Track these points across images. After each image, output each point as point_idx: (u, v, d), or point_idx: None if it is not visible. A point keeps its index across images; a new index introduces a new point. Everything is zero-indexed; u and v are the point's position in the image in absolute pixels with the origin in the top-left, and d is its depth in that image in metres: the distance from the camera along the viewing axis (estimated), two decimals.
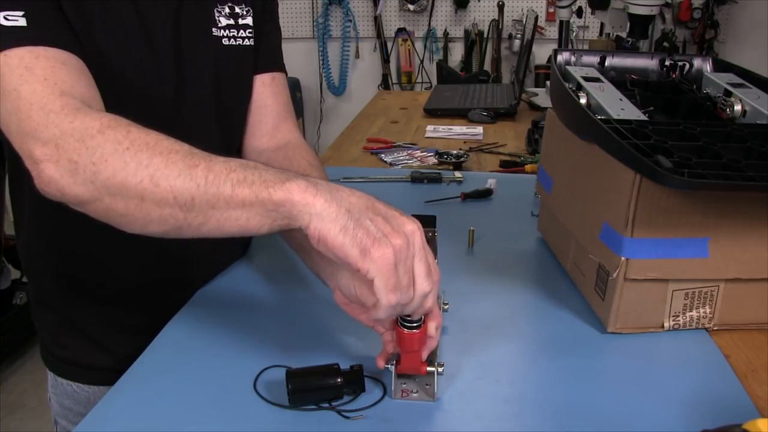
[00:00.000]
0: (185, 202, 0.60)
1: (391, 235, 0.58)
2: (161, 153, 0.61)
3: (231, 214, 0.60)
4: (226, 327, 0.84)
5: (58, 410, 0.99)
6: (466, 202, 1.25)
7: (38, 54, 0.68)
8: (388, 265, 0.57)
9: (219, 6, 0.89)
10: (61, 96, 0.66)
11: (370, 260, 0.57)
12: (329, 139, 3.51)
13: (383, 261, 0.57)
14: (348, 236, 0.57)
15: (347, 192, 0.60)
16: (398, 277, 0.58)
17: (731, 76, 0.97)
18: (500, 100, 2.06)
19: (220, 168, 0.60)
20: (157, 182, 0.60)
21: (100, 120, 0.63)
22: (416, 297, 0.61)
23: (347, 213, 0.58)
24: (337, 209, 0.58)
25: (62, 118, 0.64)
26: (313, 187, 0.58)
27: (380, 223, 0.58)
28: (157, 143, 0.62)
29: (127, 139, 0.61)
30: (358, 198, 0.60)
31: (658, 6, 1.62)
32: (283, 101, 0.99)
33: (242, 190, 0.58)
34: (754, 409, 0.68)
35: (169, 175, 0.60)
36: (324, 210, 0.57)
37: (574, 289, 0.92)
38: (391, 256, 0.57)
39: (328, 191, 0.59)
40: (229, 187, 0.59)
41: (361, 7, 3.74)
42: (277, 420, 0.67)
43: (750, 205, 0.76)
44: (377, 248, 0.57)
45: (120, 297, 0.92)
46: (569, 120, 0.92)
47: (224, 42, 0.89)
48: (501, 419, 0.67)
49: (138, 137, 0.62)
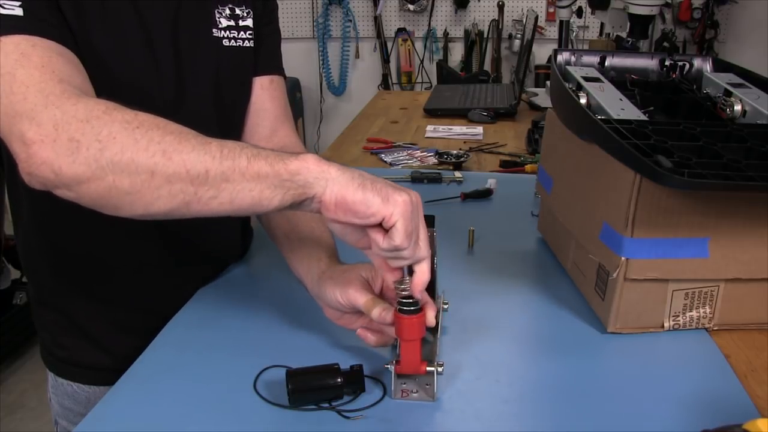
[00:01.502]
0: (198, 175, 0.60)
1: (400, 192, 0.62)
2: (173, 132, 0.61)
3: (245, 186, 0.61)
4: (226, 327, 0.84)
5: (58, 410, 0.99)
6: (466, 202, 1.25)
7: (35, 43, 0.67)
8: (408, 208, 0.62)
9: (220, 7, 0.88)
10: (60, 82, 0.65)
11: (393, 203, 0.61)
12: (329, 139, 3.51)
13: (404, 204, 0.61)
14: (368, 190, 0.61)
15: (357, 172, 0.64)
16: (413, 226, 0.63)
17: (731, 76, 0.97)
18: (500, 100, 2.06)
19: (233, 145, 0.62)
20: (170, 156, 0.60)
21: (105, 104, 0.63)
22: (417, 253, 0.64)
23: (360, 176, 0.62)
24: (351, 174, 0.62)
25: (64, 100, 0.63)
26: (324, 161, 0.62)
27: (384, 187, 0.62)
28: (167, 124, 0.62)
29: (136, 120, 0.61)
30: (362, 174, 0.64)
31: (658, 6, 1.62)
32: (281, 105, 0.99)
33: (258, 162, 0.60)
34: (754, 409, 0.68)
35: (183, 150, 0.60)
36: (339, 176, 0.61)
37: (574, 289, 0.92)
38: (409, 201, 0.62)
39: (338, 165, 0.63)
40: (245, 159, 0.60)
41: (361, 7, 3.74)
42: (277, 420, 0.67)
43: (750, 205, 0.76)
44: (398, 194, 0.62)
45: (120, 297, 0.92)
46: (569, 120, 0.92)
47: (224, 43, 0.89)
48: (501, 419, 0.67)
49: (147, 119, 0.62)
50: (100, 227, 0.87)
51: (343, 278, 0.74)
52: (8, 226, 2.37)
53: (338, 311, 0.75)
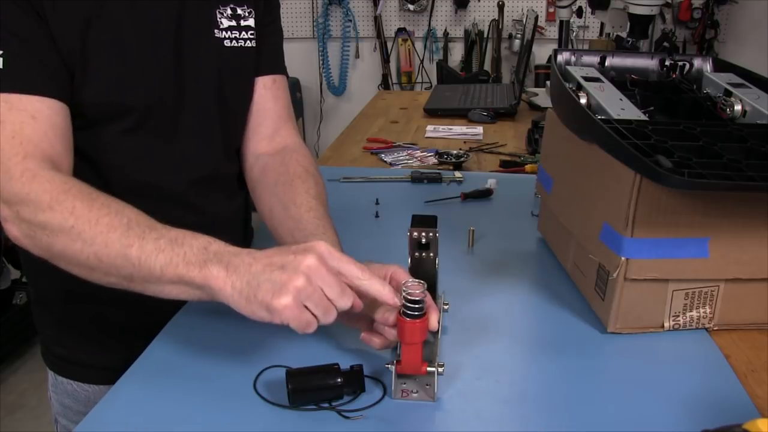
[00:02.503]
0: (126, 276, 0.68)
1: (288, 282, 0.63)
2: (101, 233, 0.68)
3: (164, 289, 0.68)
4: (226, 327, 0.84)
5: (58, 409, 0.99)
6: (466, 202, 1.25)
7: (12, 105, 0.73)
8: (291, 308, 0.63)
9: (221, 7, 0.88)
10: (24, 159, 0.71)
11: (277, 313, 0.63)
12: (329, 139, 3.51)
13: (285, 308, 0.62)
14: (253, 304, 0.64)
15: (248, 259, 0.66)
16: (308, 312, 0.64)
17: (731, 76, 0.97)
18: (500, 100, 2.06)
19: (151, 248, 0.67)
20: (100, 259, 0.68)
21: (50, 192, 0.70)
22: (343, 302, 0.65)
23: (248, 285, 0.64)
24: (241, 285, 0.64)
25: (21, 185, 0.70)
26: (224, 271, 0.65)
27: (277, 276, 0.63)
28: (98, 221, 0.68)
29: (72, 216, 0.69)
30: (257, 261, 0.65)
31: (658, 6, 1.62)
32: (283, 104, 0.99)
33: (169, 272, 0.66)
34: (754, 409, 0.68)
35: (110, 254, 0.68)
36: (233, 291, 0.64)
37: (574, 289, 0.92)
38: (290, 302, 0.62)
39: (235, 269, 0.65)
40: (158, 268, 0.66)
41: (361, 7, 3.74)
42: (277, 420, 0.67)
43: (750, 205, 0.76)
44: (275, 299, 0.62)
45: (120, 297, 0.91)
46: (569, 120, 0.92)
47: (226, 44, 0.89)
48: (501, 419, 0.67)
49: (81, 213, 0.69)
50: None
51: None
52: None
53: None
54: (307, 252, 0.65)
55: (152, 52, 0.82)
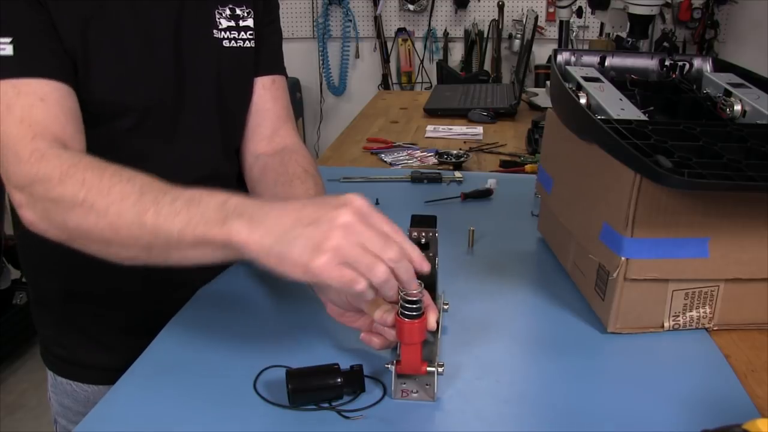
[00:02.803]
0: (145, 245, 0.65)
1: (325, 239, 0.57)
2: (113, 202, 0.65)
3: (187, 254, 0.64)
4: (226, 327, 0.84)
5: (57, 409, 0.99)
6: (466, 202, 1.25)
7: (20, 89, 0.72)
8: (331, 268, 0.57)
9: (220, 8, 0.88)
10: (33, 140, 0.70)
11: (316, 275, 0.58)
12: (329, 139, 3.51)
13: (324, 268, 0.57)
14: (286, 264, 0.58)
15: (277, 212, 0.61)
16: (353, 268, 0.58)
17: (731, 76, 0.97)
18: (500, 100, 2.06)
19: (167, 212, 0.63)
20: (116, 230, 0.65)
21: (59, 167, 0.68)
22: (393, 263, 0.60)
23: (279, 240, 0.58)
24: (271, 240, 0.59)
25: (30, 166, 0.69)
26: (247, 225, 0.60)
27: (311, 232, 0.58)
28: (110, 190, 0.66)
29: (83, 188, 0.66)
30: (288, 215, 0.60)
31: (658, 6, 1.62)
32: (282, 105, 0.99)
33: (188, 234, 0.62)
34: (754, 409, 0.68)
35: (125, 224, 0.65)
36: (260, 249, 0.59)
37: (574, 289, 0.92)
38: (328, 261, 0.57)
39: (261, 222, 0.60)
40: (176, 232, 0.63)
41: (361, 7, 3.74)
42: (277, 420, 0.67)
43: (750, 205, 0.76)
44: (313, 259, 0.57)
45: (120, 297, 0.92)
46: (569, 120, 0.92)
47: (225, 44, 0.89)
48: (501, 419, 0.67)
49: (92, 185, 0.66)
50: None
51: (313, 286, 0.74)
52: (8, 226, 2.37)
53: (340, 309, 0.75)
54: (342, 206, 0.59)
55: (152, 53, 0.82)
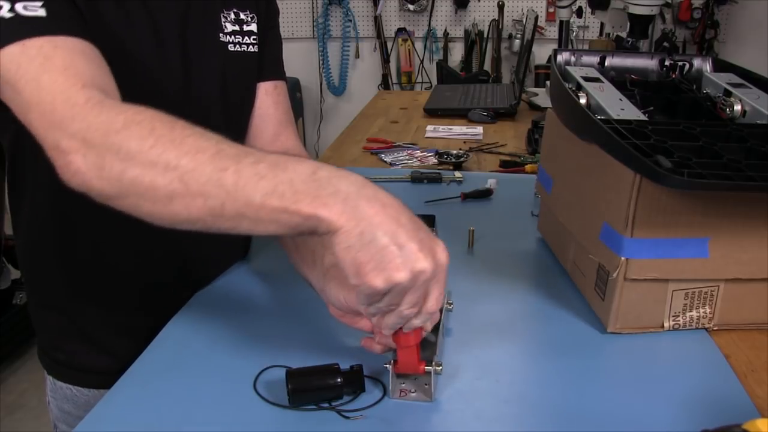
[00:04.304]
0: (214, 207, 0.58)
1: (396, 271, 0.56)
2: (188, 152, 0.59)
3: (259, 224, 0.59)
4: (226, 327, 0.84)
5: (57, 414, 0.98)
6: (466, 202, 1.25)
7: (57, 44, 0.67)
8: (374, 292, 0.57)
9: (225, 11, 0.89)
10: (84, 88, 0.64)
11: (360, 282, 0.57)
12: (329, 139, 3.50)
13: (370, 288, 0.57)
14: (349, 256, 0.57)
15: (375, 208, 0.57)
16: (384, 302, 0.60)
17: (731, 76, 0.97)
18: (500, 100, 2.06)
19: (249, 173, 0.58)
20: (187, 184, 0.58)
21: (124, 113, 0.62)
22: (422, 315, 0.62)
23: (360, 235, 0.56)
24: (352, 228, 0.56)
25: (87, 111, 0.62)
26: (341, 204, 0.57)
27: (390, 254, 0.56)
28: (183, 140, 0.60)
29: (152, 136, 0.60)
30: (383, 217, 0.57)
31: (658, 6, 1.62)
32: (284, 110, 1.00)
33: (272, 203, 0.57)
34: (754, 409, 0.68)
35: (199, 179, 0.58)
36: (345, 232, 0.56)
37: (574, 289, 0.92)
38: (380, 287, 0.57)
39: (354, 208, 0.57)
40: (259, 197, 0.57)
41: (361, 7, 3.74)
42: (277, 420, 0.67)
43: (750, 205, 0.76)
44: (370, 276, 0.56)
45: (121, 298, 0.92)
46: (569, 120, 0.92)
47: (230, 48, 0.89)
48: (501, 419, 0.67)
49: (163, 134, 0.60)
50: (103, 230, 0.87)
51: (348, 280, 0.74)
52: (8, 227, 2.37)
53: (341, 310, 0.75)
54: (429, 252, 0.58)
55: (161, 53, 0.82)
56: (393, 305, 0.61)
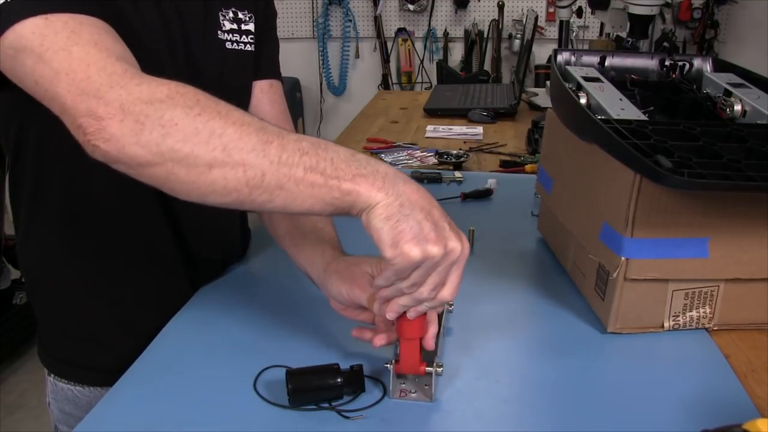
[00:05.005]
0: (254, 177, 0.59)
1: (430, 242, 0.59)
2: (234, 123, 0.60)
3: (297, 197, 0.60)
4: (226, 327, 0.84)
5: (58, 416, 0.98)
6: (466, 202, 1.25)
7: (82, 20, 0.65)
8: (410, 262, 0.59)
9: (223, 10, 0.89)
10: (119, 60, 0.63)
11: (398, 252, 0.58)
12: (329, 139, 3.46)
13: (408, 257, 0.58)
14: (388, 225, 0.58)
15: (412, 189, 0.61)
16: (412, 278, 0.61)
17: (731, 76, 0.97)
18: (500, 100, 2.06)
19: (293, 147, 0.59)
20: (229, 153, 0.59)
21: (167, 85, 0.61)
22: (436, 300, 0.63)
23: (399, 207, 0.59)
24: (392, 201, 0.59)
25: (128, 80, 0.61)
26: (381, 181, 0.60)
27: (427, 227, 0.59)
28: (229, 113, 0.61)
29: (198, 106, 0.60)
30: (419, 197, 0.61)
31: (658, 6, 1.62)
32: (280, 108, 1.00)
33: (314, 177, 0.59)
34: (754, 409, 0.68)
35: (243, 148, 0.59)
36: (381, 201, 0.59)
37: (574, 289, 0.92)
38: (417, 258, 0.58)
39: (393, 185, 0.60)
40: (302, 171, 0.59)
41: (361, 7, 3.74)
42: (277, 420, 0.67)
43: (750, 205, 0.76)
44: (409, 245, 0.58)
45: (122, 297, 0.92)
46: (569, 120, 0.92)
47: (228, 46, 0.90)
48: (501, 419, 0.67)
49: (208, 105, 0.61)
50: (105, 229, 0.87)
51: (349, 274, 0.74)
52: (8, 226, 2.37)
53: (343, 304, 0.75)
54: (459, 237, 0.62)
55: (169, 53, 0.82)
56: (416, 284, 0.61)
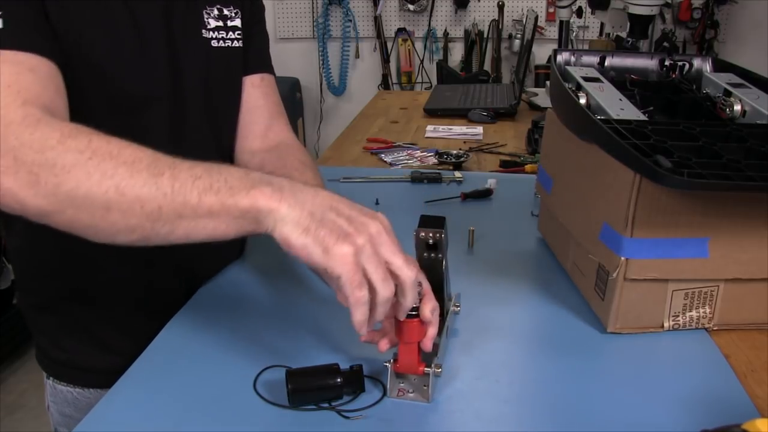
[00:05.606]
0: (152, 212, 0.60)
1: (353, 235, 0.59)
2: (125, 162, 0.60)
3: (198, 223, 0.61)
4: (226, 327, 0.84)
5: (58, 419, 0.98)
6: (466, 202, 1.25)
7: (6, 58, 0.67)
8: (350, 261, 0.58)
9: (208, 8, 0.89)
10: (23, 105, 0.64)
11: (332, 257, 0.58)
12: (329, 139, 3.50)
13: (344, 258, 0.58)
14: (310, 236, 0.59)
15: (311, 193, 0.62)
16: (363, 275, 0.59)
17: (731, 76, 0.97)
18: (500, 100, 2.06)
19: (185, 176, 0.60)
20: (123, 192, 0.60)
21: (60, 130, 0.62)
22: (407, 287, 0.62)
23: (310, 215, 0.59)
24: (300, 212, 0.59)
25: (23, 129, 0.62)
26: (278, 193, 0.60)
27: (343, 223, 0.60)
28: (120, 152, 0.61)
29: (89, 149, 0.61)
30: (322, 199, 0.61)
31: (658, 6, 1.62)
32: (273, 101, 1.00)
33: (209, 199, 0.59)
34: (754, 409, 0.68)
35: (135, 185, 0.60)
36: (288, 215, 0.59)
37: (574, 289, 0.92)
38: (351, 254, 0.58)
39: (293, 195, 0.60)
40: (196, 195, 0.60)
41: (361, 7, 3.73)
42: (277, 420, 0.67)
43: (750, 205, 0.76)
44: (338, 245, 0.58)
45: (120, 298, 0.92)
46: (569, 120, 0.92)
47: (213, 44, 0.90)
48: (501, 419, 0.67)
49: (99, 146, 0.61)
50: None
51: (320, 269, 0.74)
52: None
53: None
54: (374, 217, 0.61)
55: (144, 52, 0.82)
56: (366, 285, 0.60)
